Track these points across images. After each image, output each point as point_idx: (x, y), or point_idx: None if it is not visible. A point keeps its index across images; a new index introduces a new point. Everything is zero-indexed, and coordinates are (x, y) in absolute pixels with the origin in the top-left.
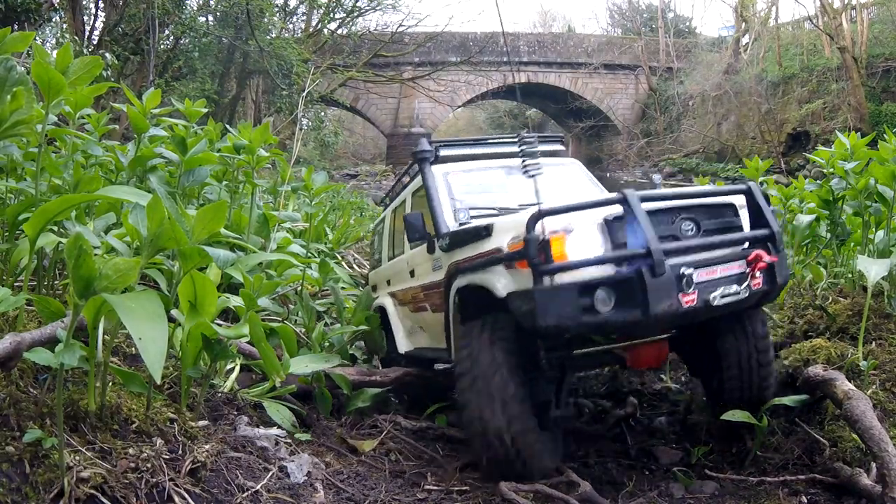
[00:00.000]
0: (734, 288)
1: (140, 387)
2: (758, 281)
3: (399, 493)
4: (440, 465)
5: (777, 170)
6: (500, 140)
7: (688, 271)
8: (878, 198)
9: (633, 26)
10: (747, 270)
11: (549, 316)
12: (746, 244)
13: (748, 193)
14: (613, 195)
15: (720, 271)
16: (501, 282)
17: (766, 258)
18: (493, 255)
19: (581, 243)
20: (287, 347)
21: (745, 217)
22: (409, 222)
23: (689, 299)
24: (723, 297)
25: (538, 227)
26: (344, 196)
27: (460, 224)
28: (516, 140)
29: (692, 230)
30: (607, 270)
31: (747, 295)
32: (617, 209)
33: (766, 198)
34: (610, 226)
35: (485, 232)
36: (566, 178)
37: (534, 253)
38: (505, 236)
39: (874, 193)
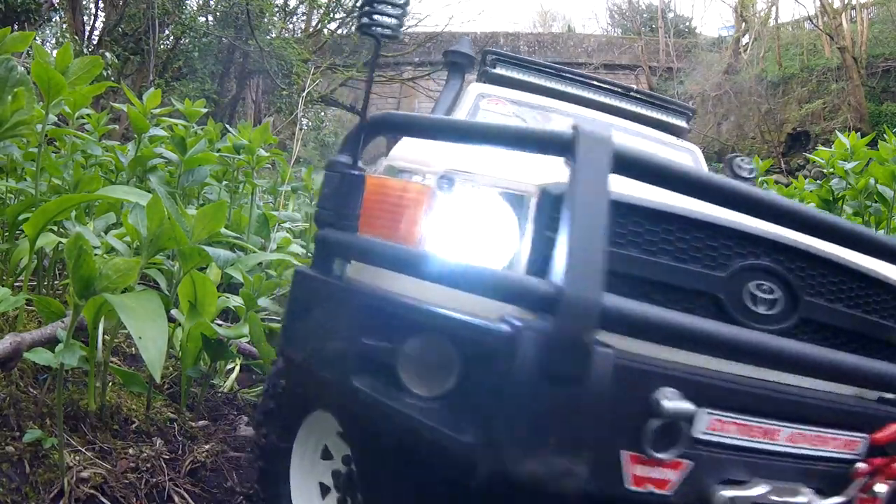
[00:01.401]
0: (804, 498)
1: (140, 387)
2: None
3: None
4: None
5: (777, 170)
6: (606, 85)
7: (677, 402)
8: (878, 198)
9: (633, 26)
10: (861, 463)
11: (296, 338)
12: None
13: None
14: (557, 131)
15: (792, 437)
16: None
17: None
18: None
19: (466, 221)
20: None
21: None
22: None
23: (659, 476)
24: None
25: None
26: None
27: None
28: (632, 94)
29: (775, 301)
30: (474, 303)
31: None
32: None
33: None
34: (542, 209)
35: None
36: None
37: (332, 192)
38: None
39: (874, 193)
